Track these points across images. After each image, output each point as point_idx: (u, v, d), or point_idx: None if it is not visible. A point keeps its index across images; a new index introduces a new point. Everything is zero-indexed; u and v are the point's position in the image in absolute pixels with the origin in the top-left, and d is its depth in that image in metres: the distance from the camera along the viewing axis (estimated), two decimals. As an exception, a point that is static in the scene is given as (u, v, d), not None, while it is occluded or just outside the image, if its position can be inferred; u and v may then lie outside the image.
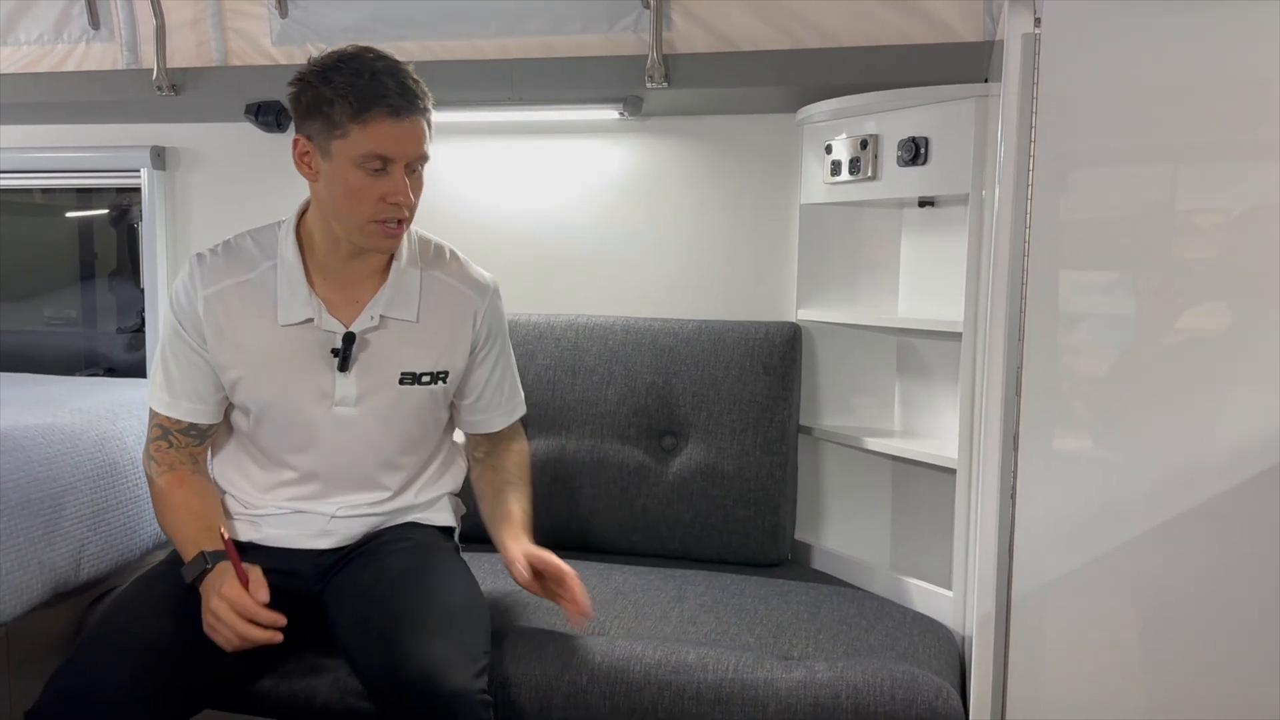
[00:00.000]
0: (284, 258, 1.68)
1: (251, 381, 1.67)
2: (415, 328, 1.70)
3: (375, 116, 1.52)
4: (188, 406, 1.69)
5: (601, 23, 2.22)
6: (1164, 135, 1.39)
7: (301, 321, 1.66)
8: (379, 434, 1.71)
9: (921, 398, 2.22)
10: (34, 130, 2.76)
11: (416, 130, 1.56)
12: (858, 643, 1.75)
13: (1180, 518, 1.40)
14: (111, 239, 2.99)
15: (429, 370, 1.72)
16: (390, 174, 1.56)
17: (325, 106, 1.54)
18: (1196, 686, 1.42)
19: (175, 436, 1.71)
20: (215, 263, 1.68)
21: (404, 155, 1.56)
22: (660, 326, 2.25)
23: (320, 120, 1.55)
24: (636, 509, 2.18)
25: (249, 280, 1.68)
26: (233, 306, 1.66)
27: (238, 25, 2.42)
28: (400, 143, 1.54)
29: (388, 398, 1.70)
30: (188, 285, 1.67)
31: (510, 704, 1.64)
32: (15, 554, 1.74)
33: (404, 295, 1.70)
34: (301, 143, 1.60)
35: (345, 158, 1.55)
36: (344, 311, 1.67)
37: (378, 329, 1.68)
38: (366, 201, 1.57)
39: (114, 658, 1.46)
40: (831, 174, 2.14)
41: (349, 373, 1.67)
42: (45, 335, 3.06)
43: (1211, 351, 1.39)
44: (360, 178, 1.55)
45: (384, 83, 1.52)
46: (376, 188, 1.56)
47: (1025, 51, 1.42)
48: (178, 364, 1.69)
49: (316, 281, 1.68)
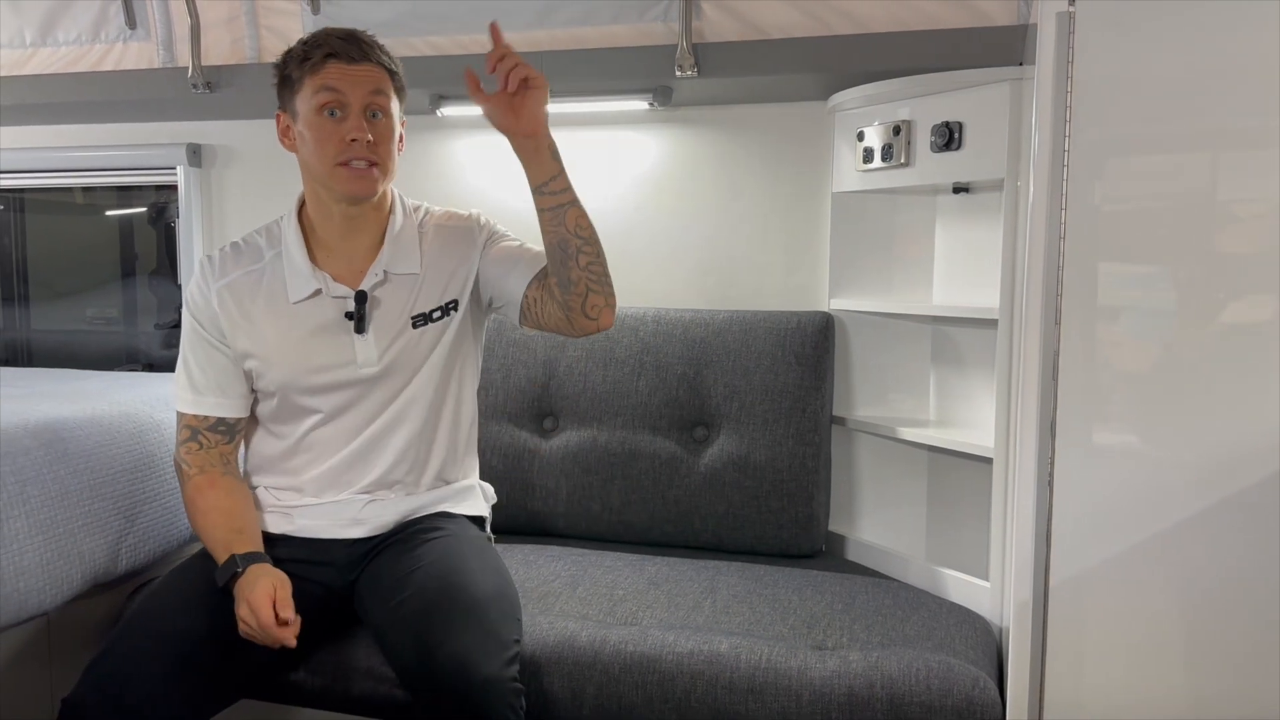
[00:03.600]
0: (286, 241, 1.74)
1: (274, 363, 1.70)
2: (419, 278, 1.75)
3: (320, 61, 1.63)
4: (213, 401, 1.72)
5: (631, 13, 2.21)
6: (1204, 121, 1.36)
7: (311, 294, 1.70)
8: (406, 386, 1.73)
9: (957, 387, 2.19)
10: (73, 130, 2.80)
11: (367, 73, 1.65)
12: (893, 633, 1.73)
13: (1220, 506, 1.37)
14: (151, 238, 3.03)
15: (438, 305, 1.75)
16: (347, 116, 1.64)
17: (285, 70, 1.68)
18: (1238, 676, 1.39)
19: (204, 435, 1.73)
20: (223, 259, 1.76)
21: (354, 93, 1.64)
22: (691, 317, 2.24)
23: (284, 86, 1.69)
24: (669, 500, 2.17)
25: (256, 269, 1.74)
26: (244, 295, 1.72)
27: (271, 23, 2.44)
28: (346, 81, 1.64)
29: (405, 345, 1.72)
30: (200, 284, 1.74)
31: (542, 693, 1.64)
32: (55, 545, 1.77)
33: (404, 250, 1.75)
34: (281, 118, 1.72)
35: (306, 108, 1.65)
36: (349, 280, 1.73)
37: (384, 283, 1.72)
38: (329, 145, 1.64)
39: (149, 647, 1.48)
40: (864, 161, 2.12)
41: (366, 333, 1.70)
42: (87, 334, 3.11)
43: (1254, 343, 1.35)
44: (320, 124, 1.64)
45: (329, 32, 1.66)
46: (336, 130, 1.63)
47: (1060, 31, 1.40)
48: (199, 363, 1.72)
49: (319, 258, 1.74)
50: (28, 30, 2.61)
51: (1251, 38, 1.32)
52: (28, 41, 2.62)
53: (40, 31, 2.60)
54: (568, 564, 2.02)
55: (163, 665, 1.46)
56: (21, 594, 1.70)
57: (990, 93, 1.88)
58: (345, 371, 1.70)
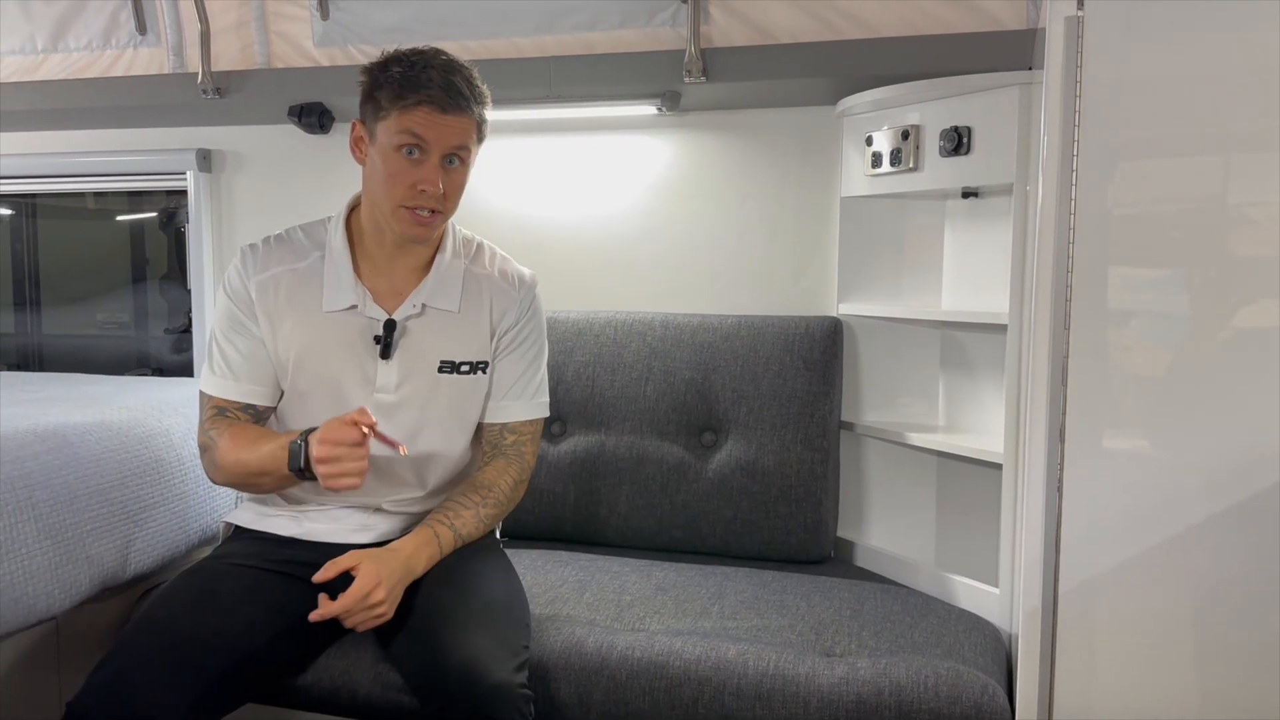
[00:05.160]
0: (332, 247, 1.72)
1: (297, 367, 1.69)
2: (456, 318, 1.73)
3: (414, 104, 1.58)
4: (248, 388, 1.71)
5: (639, 18, 2.21)
6: (1214, 124, 1.35)
7: (346, 308, 1.69)
8: (418, 422, 1.72)
9: (966, 392, 2.18)
10: (84, 135, 2.81)
11: (457, 124, 1.61)
12: (902, 639, 1.72)
13: (1230, 512, 1.36)
14: (162, 243, 3.04)
15: (469, 360, 1.73)
16: (425, 162, 1.61)
17: (376, 91, 1.62)
18: (1248, 681, 1.38)
19: (234, 413, 1.71)
20: (266, 250, 1.73)
21: (437, 143, 1.60)
22: (699, 322, 2.24)
23: (371, 104, 1.63)
24: (676, 505, 2.17)
25: (298, 269, 1.72)
26: (281, 292, 1.70)
27: (280, 28, 2.45)
28: (435, 131, 1.59)
29: (427, 385, 1.71)
30: (240, 270, 1.72)
31: (550, 698, 1.64)
32: (63, 549, 1.77)
33: (446, 286, 1.73)
34: (357, 127, 1.68)
35: (386, 139, 1.61)
36: (388, 301, 1.71)
37: (419, 316, 1.71)
38: (399, 185, 1.61)
39: (154, 651, 1.47)
40: (872, 166, 2.11)
41: (390, 360, 1.69)
42: (98, 339, 3.12)
43: (1266, 348, 1.34)
44: (396, 161, 1.61)
45: (431, 76, 1.59)
46: (410, 173, 1.61)
47: (1068, 34, 1.39)
48: (236, 348, 1.70)
49: (363, 272, 1.72)
50: (39, 36, 2.62)
51: (1261, 40, 1.32)
52: (39, 48, 2.63)
53: (51, 38, 2.61)
54: (575, 569, 2.02)
55: (168, 670, 1.45)
56: (30, 598, 1.71)
57: (999, 97, 1.87)
58: (362, 393, 1.69)
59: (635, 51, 2.20)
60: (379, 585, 1.52)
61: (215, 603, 1.57)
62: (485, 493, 1.72)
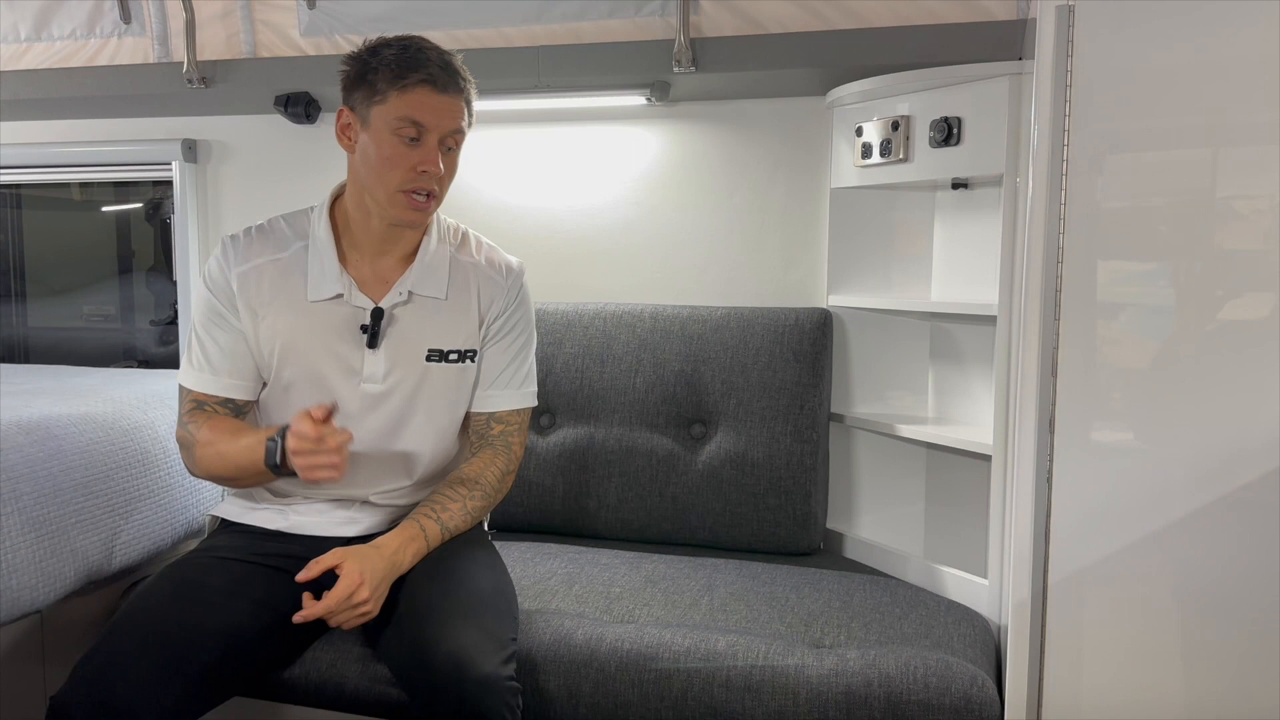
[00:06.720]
0: (316, 237, 1.71)
1: (281, 359, 1.68)
2: (443, 305, 1.72)
3: (414, 84, 1.58)
4: (228, 382, 1.70)
5: (628, 8, 2.20)
6: (1204, 116, 1.35)
7: (331, 298, 1.68)
8: (405, 413, 1.71)
9: (955, 383, 2.18)
10: (68, 125, 2.79)
11: (454, 106, 1.62)
12: (891, 631, 1.72)
13: (1219, 503, 1.36)
14: (148, 234, 3.02)
15: (457, 348, 1.72)
16: (423, 144, 1.61)
17: (370, 75, 1.61)
18: (1236, 672, 1.39)
19: (212, 407, 1.70)
20: (248, 241, 1.72)
21: (438, 125, 1.60)
22: (689, 314, 2.23)
23: (364, 89, 1.62)
24: (666, 497, 2.16)
25: (281, 259, 1.71)
26: (264, 283, 1.69)
27: (266, 17, 2.43)
28: (435, 113, 1.60)
29: (414, 374, 1.70)
30: (221, 261, 1.70)
31: (539, 690, 1.63)
32: (47, 542, 1.76)
33: (433, 273, 1.72)
34: (344, 114, 1.66)
35: (383, 123, 1.60)
36: (374, 290, 1.70)
37: (406, 304, 1.70)
38: (398, 169, 1.61)
39: (138, 644, 1.46)
40: (862, 157, 2.11)
41: (377, 349, 1.68)
42: (84, 331, 3.10)
43: (1253, 341, 1.34)
44: (394, 145, 1.60)
45: (428, 56, 1.60)
46: (409, 156, 1.60)
47: (1059, 25, 1.39)
48: (215, 342, 1.69)
49: (349, 261, 1.71)
50: (22, 25, 2.59)
51: (1252, 33, 1.31)
52: (22, 36, 2.60)
53: (35, 26, 2.59)
54: (564, 562, 2.01)
55: (154, 664, 1.44)
56: (14, 591, 1.69)
57: (989, 88, 1.87)
58: (349, 384, 1.68)
59: (624, 41, 2.19)
60: (363, 584, 1.51)
61: (201, 596, 1.56)
62: (472, 485, 1.71)
